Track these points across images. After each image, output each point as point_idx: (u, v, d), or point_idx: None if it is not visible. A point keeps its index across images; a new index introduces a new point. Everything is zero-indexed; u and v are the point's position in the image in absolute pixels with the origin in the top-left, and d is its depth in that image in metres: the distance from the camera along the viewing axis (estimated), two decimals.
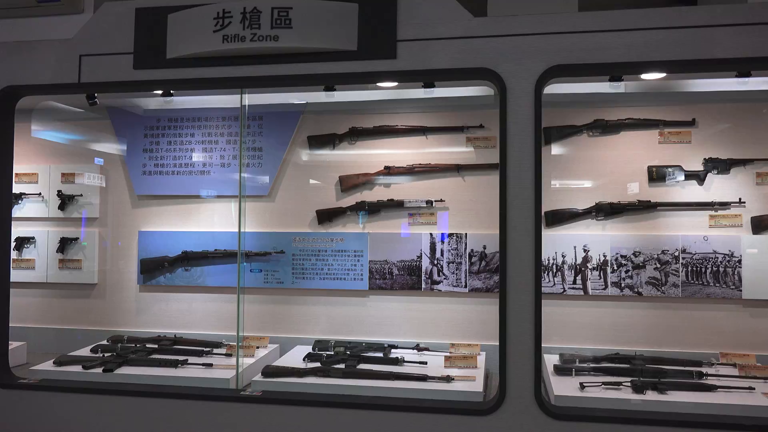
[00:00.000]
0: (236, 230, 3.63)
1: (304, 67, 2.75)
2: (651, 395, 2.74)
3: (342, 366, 3.11)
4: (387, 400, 2.75)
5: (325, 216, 3.69)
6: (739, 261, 3.30)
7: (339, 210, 3.69)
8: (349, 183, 3.69)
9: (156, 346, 3.50)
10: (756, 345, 3.25)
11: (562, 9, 2.93)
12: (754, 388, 2.79)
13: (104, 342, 3.60)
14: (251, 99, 3.37)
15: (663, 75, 2.77)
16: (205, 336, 3.64)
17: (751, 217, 3.31)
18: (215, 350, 3.42)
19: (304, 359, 3.24)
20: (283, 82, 2.85)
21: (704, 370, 2.98)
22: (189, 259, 3.78)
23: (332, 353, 3.33)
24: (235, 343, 3.30)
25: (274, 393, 2.87)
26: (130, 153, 3.91)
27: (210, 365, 3.18)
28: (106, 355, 3.35)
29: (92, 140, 4.04)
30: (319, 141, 3.73)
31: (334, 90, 3.06)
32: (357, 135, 3.69)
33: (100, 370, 3.10)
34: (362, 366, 3.13)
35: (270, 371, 3.03)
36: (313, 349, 3.43)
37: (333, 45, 2.70)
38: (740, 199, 3.32)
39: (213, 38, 2.74)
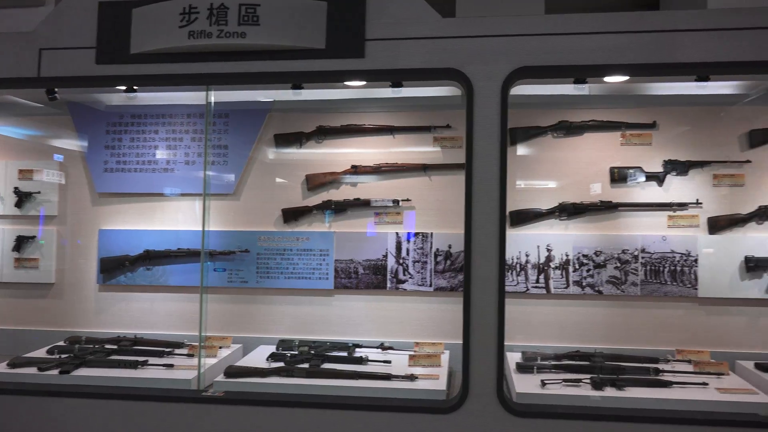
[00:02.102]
0: (200, 229, 3.58)
1: (271, 64, 2.74)
2: (610, 391, 2.80)
3: (306, 365, 3.09)
4: (351, 399, 2.75)
5: (291, 215, 3.67)
6: (696, 260, 3.39)
7: (305, 209, 3.67)
8: (315, 182, 3.67)
9: (115, 346, 3.43)
10: (710, 342, 3.34)
11: (529, 11, 2.98)
12: (707, 384, 2.87)
13: (61, 343, 3.51)
14: (217, 96, 3.33)
15: (626, 78, 2.83)
16: (166, 336, 3.58)
17: (708, 218, 3.41)
18: (177, 351, 3.38)
19: (267, 359, 3.22)
20: (249, 80, 2.82)
21: (660, 366, 3.06)
22: (151, 257, 3.71)
23: (296, 353, 3.31)
24: (197, 344, 3.26)
25: (237, 393, 2.84)
26: (92, 149, 3.82)
27: (171, 366, 3.13)
28: (63, 356, 3.27)
29: (51, 136, 3.94)
30: (285, 139, 3.71)
31: (302, 88, 3.04)
32: (324, 134, 3.68)
33: (56, 371, 3.02)
34: (326, 365, 3.12)
35: (233, 371, 3.00)
36: (277, 348, 3.41)
37: (301, 43, 2.69)
38: (697, 200, 3.41)
39: (179, 34, 2.70)
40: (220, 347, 3.42)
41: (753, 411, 2.61)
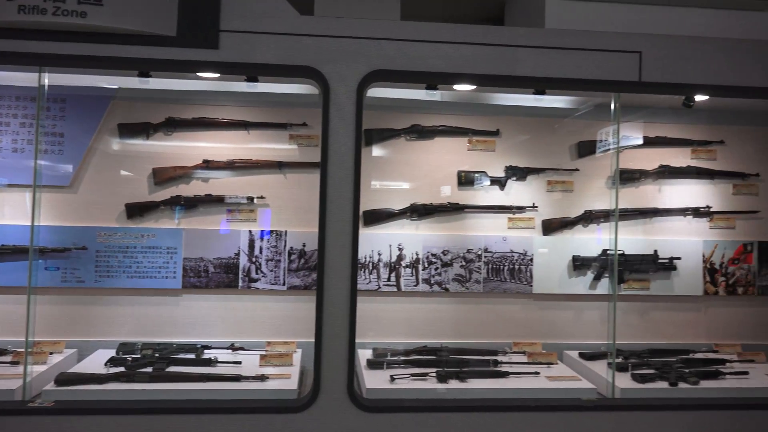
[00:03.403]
0: (29, 223, 3.25)
1: (114, 48, 2.56)
2: (454, 384, 2.97)
3: (149, 369, 2.93)
4: (198, 402, 2.66)
5: (136, 210, 3.45)
6: (531, 259, 3.68)
7: (151, 204, 3.47)
8: (163, 176, 3.49)
9: None
10: (542, 334, 3.65)
11: (385, 16, 3.06)
12: (539, 373, 3.14)
13: None
14: (52, 79, 3.03)
15: (473, 87, 2.99)
16: None
17: (542, 220, 3.71)
18: None
19: (106, 364, 3.01)
20: (90, 64, 2.61)
21: (499, 358, 3.29)
22: None
23: (139, 356, 3.12)
24: (22, 350, 2.96)
25: (70, 402, 2.62)
26: None
27: None
28: None
29: None
30: (131, 129, 3.48)
31: (150, 76, 2.88)
32: (174, 126, 3.50)
33: None
34: (172, 368, 2.98)
35: (64, 378, 2.77)
36: (117, 353, 3.19)
37: (149, 28, 2.54)
38: (534, 203, 3.70)
39: (7, 7, 2.44)
40: (51, 353, 3.15)
41: (576, 396, 2.89)
